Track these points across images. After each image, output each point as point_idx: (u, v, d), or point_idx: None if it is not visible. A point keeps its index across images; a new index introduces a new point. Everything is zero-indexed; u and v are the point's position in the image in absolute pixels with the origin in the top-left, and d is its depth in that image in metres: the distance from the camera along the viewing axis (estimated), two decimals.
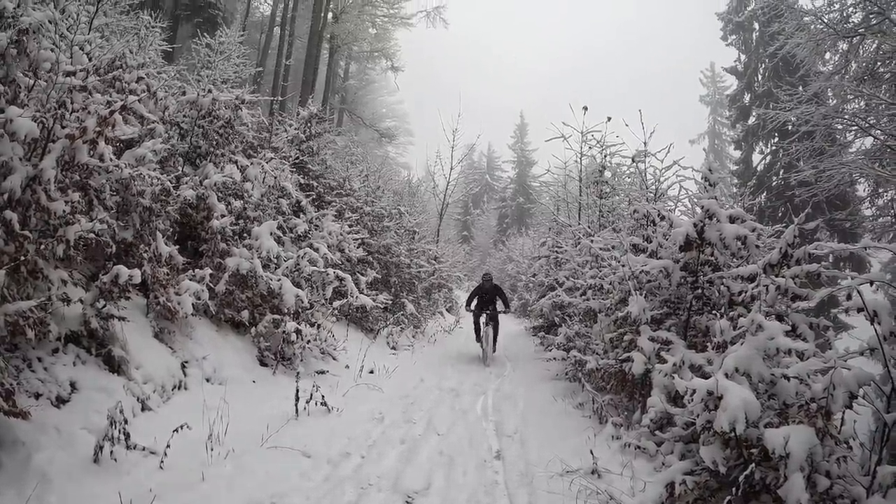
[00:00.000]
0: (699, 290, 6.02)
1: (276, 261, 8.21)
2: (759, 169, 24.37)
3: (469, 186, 37.29)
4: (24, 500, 3.48)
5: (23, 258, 4.16)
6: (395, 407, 7.40)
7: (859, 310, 3.35)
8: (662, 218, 6.68)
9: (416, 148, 44.55)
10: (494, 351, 12.60)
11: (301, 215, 10.45)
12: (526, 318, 18.87)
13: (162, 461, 4.42)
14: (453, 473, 5.16)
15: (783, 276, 4.22)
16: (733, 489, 3.33)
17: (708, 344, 5.36)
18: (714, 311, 5.52)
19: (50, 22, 4.89)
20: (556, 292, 11.65)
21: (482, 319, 12.61)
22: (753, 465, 3.32)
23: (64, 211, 4.51)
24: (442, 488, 4.79)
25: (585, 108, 13.13)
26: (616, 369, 6.90)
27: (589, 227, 11.40)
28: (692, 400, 3.74)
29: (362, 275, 11.65)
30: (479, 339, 12.76)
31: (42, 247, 4.51)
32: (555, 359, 9.49)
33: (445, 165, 23.93)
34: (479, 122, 27.10)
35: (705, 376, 4.09)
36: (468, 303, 13.26)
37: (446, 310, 20.53)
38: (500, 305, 13.21)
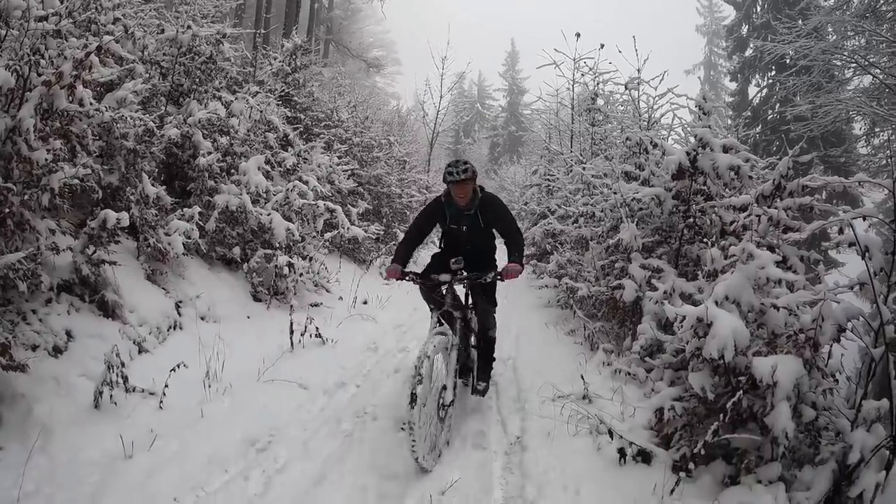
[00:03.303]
0: (691, 219, 6.01)
1: (265, 195, 8.14)
2: (754, 102, 24.21)
3: (460, 115, 36.76)
4: (28, 451, 3.52)
5: (8, 211, 4.11)
6: (389, 336, 7.49)
7: (851, 244, 3.35)
8: (655, 146, 6.62)
9: (405, 77, 43.55)
10: (486, 381, 5.25)
11: (289, 148, 10.30)
12: None
13: (161, 401, 4.48)
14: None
15: (776, 208, 4.21)
16: (721, 416, 3.38)
17: (699, 272, 5.40)
18: (705, 241, 5.52)
19: None
20: (547, 220, 11.65)
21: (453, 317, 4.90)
22: (741, 392, 3.37)
23: (46, 160, 4.41)
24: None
25: (578, 35, 12.85)
26: (607, 296, 6.96)
27: (581, 155, 11.29)
28: (682, 327, 3.75)
29: (353, 206, 11.62)
30: (413, 401, 3.81)
31: (27, 198, 4.45)
32: (546, 286, 9.57)
33: (435, 94, 23.56)
34: (470, 49, 26.55)
35: (696, 304, 4.11)
36: (400, 254, 5.13)
37: (438, 239, 20.66)
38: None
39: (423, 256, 7.48)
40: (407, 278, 4.93)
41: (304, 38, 14.68)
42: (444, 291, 5.03)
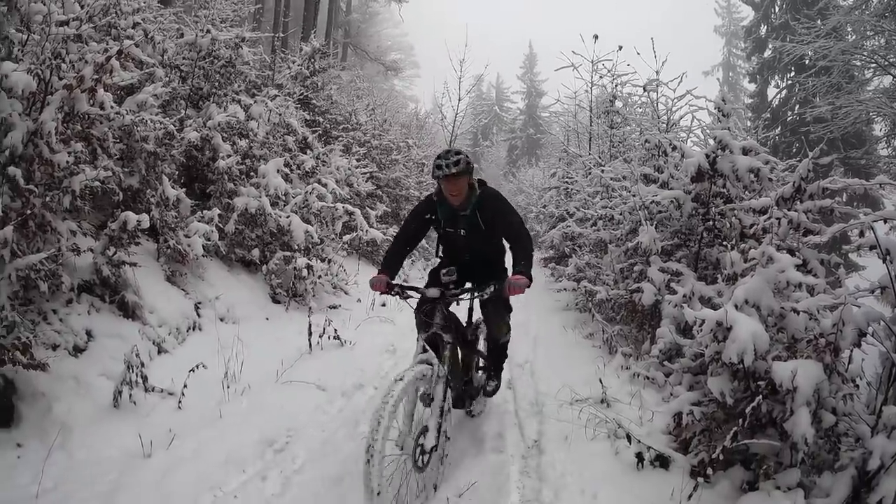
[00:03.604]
0: (710, 222, 5.96)
1: (284, 198, 8.21)
2: (774, 103, 23.82)
3: (478, 118, 36.73)
4: (47, 449, 3.59)
5: (30, 212, 4.17)
6: (406, 338, 7.47)
7: (872, 247, 3.30)
8: (674, 148, 6.57)
9: (423, 80, 43.55)
10: (497, 380, 4.84)
11: (308, 151, 10.41)
12: (537, 249, 18.86)
13: (180, 401, 4.53)
14: None
15: (796, 210, 4.17)
16: (740, 421, 3.35)
17: (718, 276, 5.35)
18: (725, 244, 5.47)
19: None
20: (566, 223, 11.64)
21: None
22: (760, 397, 3.33)
23: (67, 162, 4.48)
24: (454, 417, 4.86)
25: (596, 37, 12.77)
26: (626, 300, 6.92)
27: (600, 158, 11.25)
28: (701, 331, 3.72)
29: (372, 209, 11.69)
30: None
31: (48, 199, 4.52)
32: (565, 289, 9.53)
33: (453, 97, 23.56)
34: (488, 53, 26.48)
35: (715, 308, 4.07)
36: (386, 263, 4.35)
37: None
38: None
39: None
40: (393, 292, 4.06)
41: (323, 42, 14.78)
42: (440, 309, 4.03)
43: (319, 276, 8.26)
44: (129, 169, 6.11)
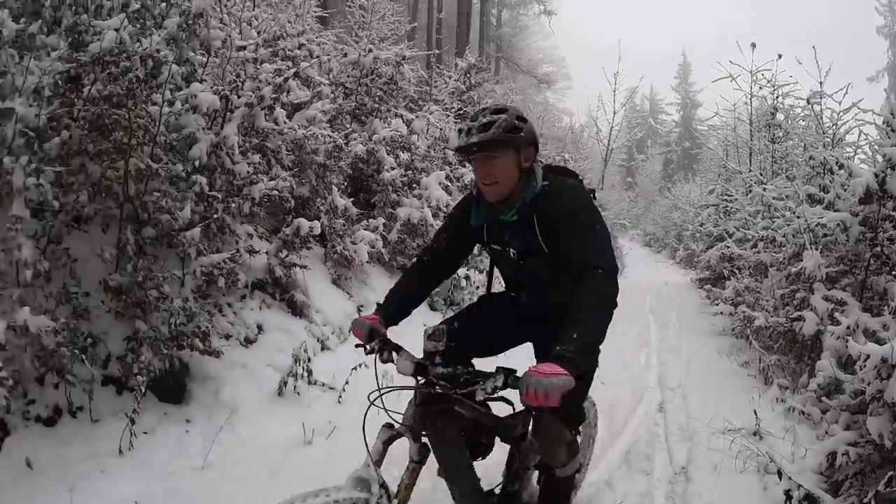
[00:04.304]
0: (878, 248, 5.57)
1: (445, 209, 8.48)
2: None
3: (632, 131, 35.90)
4: (213, 427, 3.97)
5: (213, 216, 4.64)
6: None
7: None
8: (840, 166, 6.18)
9: (575, 92, 42.58)
10: None
11: (467, 165, 10.70)
12: (692, 269, 18.20)
13: (340, 396, 4.80)
14: (614, 422, 5.17)
15: None
16: None
17: (884, 308, 5.03)
18: (894, 273, 5.13)
19: (215, 4, 5.40)
20: (724, 243, 11.21)
21: None
22: None
23: (248, 172, 4.98)
24: (601, 437, 4.77)
25: (753, 45, 12.08)
26: (785, 328, 6.57)
27: (761, 174, 10.72)
28: (864, 366, 3.56)
29: None
30: None
31: (231, 205, 4.99)
32: (721, 313, 9.21)
33: (608, 110, 23.26)
34: (641, 64, 25.94)
35: (880, 342, 3.86)
36: (391, 295, 2.62)
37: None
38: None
39: None
40: (368, 348, 2.43)
41: (476, 57, 15.17)
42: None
43: (477, 287, 8.49)
44: (300, 179, 6.57)
